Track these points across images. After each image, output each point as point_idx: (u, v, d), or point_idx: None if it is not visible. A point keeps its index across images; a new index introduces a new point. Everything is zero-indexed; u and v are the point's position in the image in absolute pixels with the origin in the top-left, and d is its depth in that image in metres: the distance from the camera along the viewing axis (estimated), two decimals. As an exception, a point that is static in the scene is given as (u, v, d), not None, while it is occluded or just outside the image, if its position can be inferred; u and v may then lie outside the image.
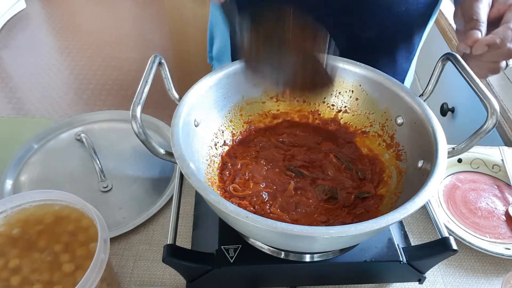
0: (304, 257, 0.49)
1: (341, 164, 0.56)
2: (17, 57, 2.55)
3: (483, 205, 0.64)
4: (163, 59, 0.52)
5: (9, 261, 0.43)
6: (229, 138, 0.58)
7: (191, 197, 0.63)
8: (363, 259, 0.49)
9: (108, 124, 0.77)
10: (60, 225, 0.47)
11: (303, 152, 0.58)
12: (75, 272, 0.42)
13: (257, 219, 0.38)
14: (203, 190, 0.41)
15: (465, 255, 0.58)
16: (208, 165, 0.53)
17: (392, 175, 0.54)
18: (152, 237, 0.59)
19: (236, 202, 0.50)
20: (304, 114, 0.62)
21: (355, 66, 0.58)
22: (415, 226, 0.62)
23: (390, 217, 0.39)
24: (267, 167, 0.55)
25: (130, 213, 0.61)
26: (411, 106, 0.53)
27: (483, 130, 0.45)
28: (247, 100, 0.60)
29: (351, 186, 0.54)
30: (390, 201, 0.50)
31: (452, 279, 0.55)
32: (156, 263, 0.56)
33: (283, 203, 0.51)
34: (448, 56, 0.52)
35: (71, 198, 0.47)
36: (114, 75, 2.43)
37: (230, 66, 0.56)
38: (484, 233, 0.60)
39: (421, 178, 0.45)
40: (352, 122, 0.61)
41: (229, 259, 0.48)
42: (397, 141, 0.56)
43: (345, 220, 0.50)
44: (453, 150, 0.49)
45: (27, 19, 2.93)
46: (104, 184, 0.65)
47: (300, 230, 0.37)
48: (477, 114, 0.97)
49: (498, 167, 0.70)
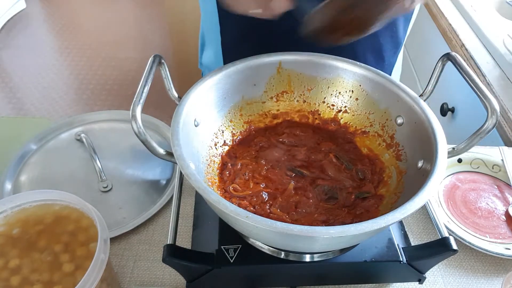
0: (304, 257, 0.49)
1: (341, 164, 0.56)
2: (17, 57, 2.55)
3: (483, 205, 0.64)
4: (163, 59, 0.52)
5: (9, 261, 0.43)
6: (229, 138, 0.58)
7: (191, 197, 0.63)
8: (363, 259, 0.49)
9: (108, 124, 0.77)
10: (60, 225, 0.47)
11: (303, 152, 0.58)
12: (75, 272, 0.42)
13: (257, 219, 0.38)
14: (203, 190, 0.41)
15: (465, 255, 0.58)
16: (208, 165, 0.53)
17: (392, 175, 0.54)
18: (152, 237, 0.59)
19: (236, 202, 0.50)
20: (304, 114, 0.62)
21: (355, 66, 0.58)
22: (415, 226, 0.62)
23: (390, 217, 0.39)
24: (267, 167, 0.55)
25: (130, 213, 0.61)
26: (411, 106, 0.53)
27: (483, 130, 0.45)
28: (247, 100, 0.60)
29: (351, 186, 0.54)
30: (390, 201, 0.50)
31: (452, 279, 0.55)
32: (156, 263, 0.56)
33: (283, 203, 0.51)
34: (448, 56, 0.52)
35: (71, 198, 0.47)
36: (114, 75, 2.43)
37: (230, 66, 0.56)
38: (484, 233, 0.60)
39: (421, 178, 0.45)
40: (352, 122, 0.61)
41: (229, 259, 0.48)
42: (397, 141, 0.56)
43: (345, 220, 0.50)
44: (453, 150, 0.49)
45: (27, 19, 2.93)
46: (104, 184, 0.65)
47: (300, 230, 0.37)
48: (477, 114, 0.97)
49: (498, 167, 0.70)
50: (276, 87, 0.61)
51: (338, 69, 0.59)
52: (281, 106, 0.62)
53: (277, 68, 0.60)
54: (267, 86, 0.61)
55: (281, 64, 0.59)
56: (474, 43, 1.09)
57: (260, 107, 0.61)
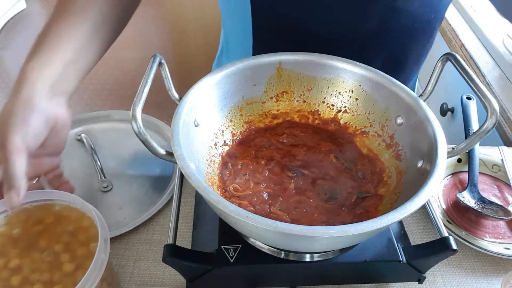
0: (304, 257, 0.49)
1: (341, 164, 0.56)
2: (17, 57, 2.54)
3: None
4: (163, 59, 0.52)
5: (10, 261, 0.43)
6: (229, 138, 0.58)
7: (191, 197, 0.63)
8: (363, 259, 0.49)
9: (108, 124, 0.77)
10: (60, 225, 0.47)
11: (303, 152, 0.58)
12: (75, 272, 0.43)
13: (257, 219, 0.38)
14: (203, 190, 0.41)
15: (465, 255, 0.58)
16: (208, 165, 0.53)
17: (392, 175, 0.54)
18: (152, 237, 0.59)
19: (236, 202, 0.50)
20: (304, 114, 0.62)
21: (355, 66, 0.58)
22: (415, 226, 0.62)
23: (390, 217, 0.39)
24: (268, 167, 0.55)
25: (130, 213, 0.61)
26: (411, 106, 0.53)
27: (482, 130, 0.45)
28: (247, 100, 0.60)
29: (351, 186, 0.54)
30: (390, 201, 0.50)
31: (451, 279, 0.55)
32: (156, 263, 0.56)
33: (283, 203, 0.51)
34: (448, 56, 0.52)
35: (71, 198, 0.47)
36: (114, 75, 2.43)
37: (230, 66, 0.56)
38: (484, 233, 0.60)
39: (421, 178, 0.45)
40: (352, 122, 0.61)
41: (229, 259, 0.48)
42: (396, 141, 0.56)
43: (345, 220, 0.50)
44: (453, 150, 0.49)
45: (27, 19, 2.93)
46: (104, 184, 0.65)
47: (300, 230, 0.37)
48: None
49: (498, 167, 0.70)
50: (276, 87, 0.61)
51: (338, 69, 0.59)
52: (281, 106, 0.62)
53: (277, 68, 0.60)
54: (267, 86, 0.61)
55: (281, 64, 0.59)
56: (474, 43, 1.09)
57: (260, 107, 0.61)
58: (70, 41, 0.53)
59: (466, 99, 0.76)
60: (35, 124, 0.48)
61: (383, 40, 0.64)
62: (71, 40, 0.53)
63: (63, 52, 0.52)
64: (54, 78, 0.51)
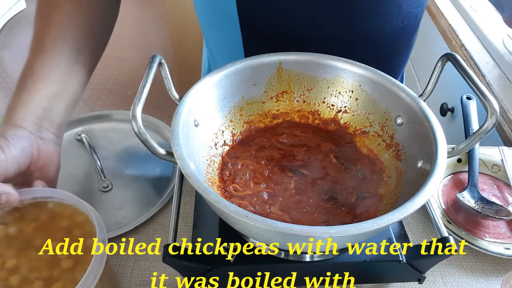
0: (304, 257, 0.49)
1: (341, 164, 0.56)
2: (18, 57, 2.54)
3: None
4: (163, 59, 0.52)
5: (6, 261, 0.43)
6: (229, 138, 0.58)
7: (191, 197, 0.63)
8: (363, 259, 0.49)
9: (108, 124, 0.77)
10: (54, 222, 0.47)
11: (303, 152, 0.58)
12: (74, 267, 0.43)
13: (257, 219, 0.38)
14: (203, 190, 0.41)
15: (465, 255, 0.58)
16: (208, 165, 0.53)
17: (392, 175, 0.54)
18: (152, 237, 0.59)
19: (236, 202, 0.50)
20: (304, 114, 0.62)
21: (355, 66, 0.58)
22: (415, 226, 0.62)
23: (390, 217, 0.39)
24: (268, 167, 0.55)
25: (130, 213, 0.61)
26: (411, 106, 0.53)
27: (482, 130, 0.45)
28: (247, 100, 0.60)
29: (351, 186, 0.54)
30: (390, 201, 0.50)
31: (451, 279, 0.55)
32: (156, 263, 0.56)
33: (283, 203, 0.51)
34: (448, 56, 0.52)
35: (64, 195, 0.47)
36: (114, 75, 2.43)
37: (230, 66, 0.56)
38: (484, 233, 0.60)
39: (421, 178, 0.45)
40: (352, 122, 0.61)
41: (229, 259, 0.48)
42: (396, 141, 0.56)
43: (345, 220, 0.50)
44: (452, 150, 0.49)
45: (27, 19, 2.92)
46: (104, 184, 0.65)
47: (300, 230, 0.37)
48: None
49: (498, 167, 0.70)
50: (276, 87, 0.61)
51: (338, 69, 0.59)
52: (281, 106, 0.62)
53: (277, 68, 0.60)
54: (267, 86, 0.61)
55: (281, 64, 0.59)
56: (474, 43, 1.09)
57: (260, 107, 0.61)
58: (49, 75, 0.54)
59: (466, 99, 0.76)
60: (10, 149, 0.48)
61: (375, 43, 0.65)
62: (51, 74, 0.54)
63: (44, 88, 0.54)
64: (38, 113, 0.52)
